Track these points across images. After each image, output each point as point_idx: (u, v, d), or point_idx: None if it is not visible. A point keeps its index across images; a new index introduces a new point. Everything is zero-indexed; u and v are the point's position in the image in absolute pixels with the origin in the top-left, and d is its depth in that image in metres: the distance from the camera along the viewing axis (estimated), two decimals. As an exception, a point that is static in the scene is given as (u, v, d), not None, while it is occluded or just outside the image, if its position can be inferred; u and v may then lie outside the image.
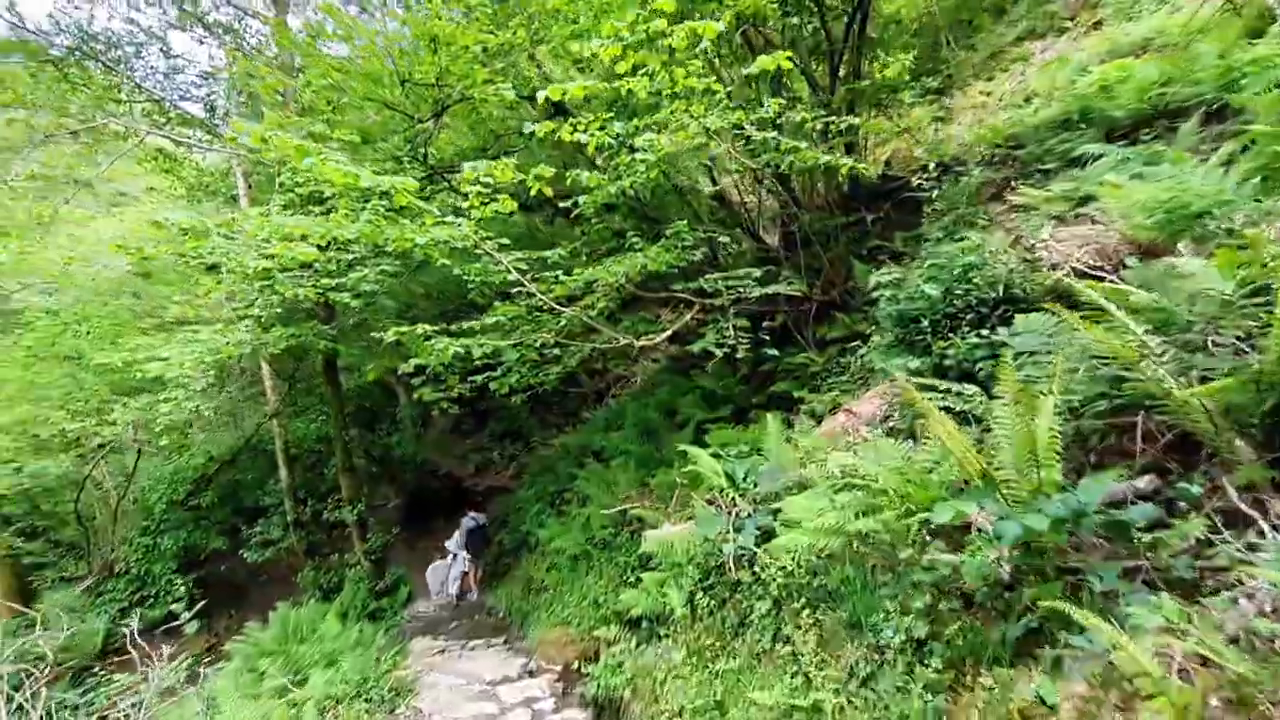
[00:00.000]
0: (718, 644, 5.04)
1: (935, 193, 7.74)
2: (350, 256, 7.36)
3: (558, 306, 6.79)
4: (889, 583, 3.78)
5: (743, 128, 6.75)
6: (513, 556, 13.45)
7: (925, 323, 5.43)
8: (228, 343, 8.05)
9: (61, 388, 12.28)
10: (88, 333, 12.35)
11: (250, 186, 13.16)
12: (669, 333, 7.30)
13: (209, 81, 13.50)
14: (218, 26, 13.40)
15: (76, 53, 12.34)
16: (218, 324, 7.53)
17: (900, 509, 3.85)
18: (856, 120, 7.47)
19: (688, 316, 7.54)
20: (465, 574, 12.09)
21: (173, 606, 12.79)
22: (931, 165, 8.22)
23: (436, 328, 6.20)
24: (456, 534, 12.40)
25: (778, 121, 7.27)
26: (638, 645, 6.31)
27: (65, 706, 9.72)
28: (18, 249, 11.70)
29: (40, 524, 14.46)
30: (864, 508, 4.34)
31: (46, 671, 12.67)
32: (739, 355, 7.17)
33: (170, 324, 12.17)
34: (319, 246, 7.49)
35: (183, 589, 13.42)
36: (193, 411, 11.36)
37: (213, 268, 7.52)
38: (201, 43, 15.07)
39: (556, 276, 6.69)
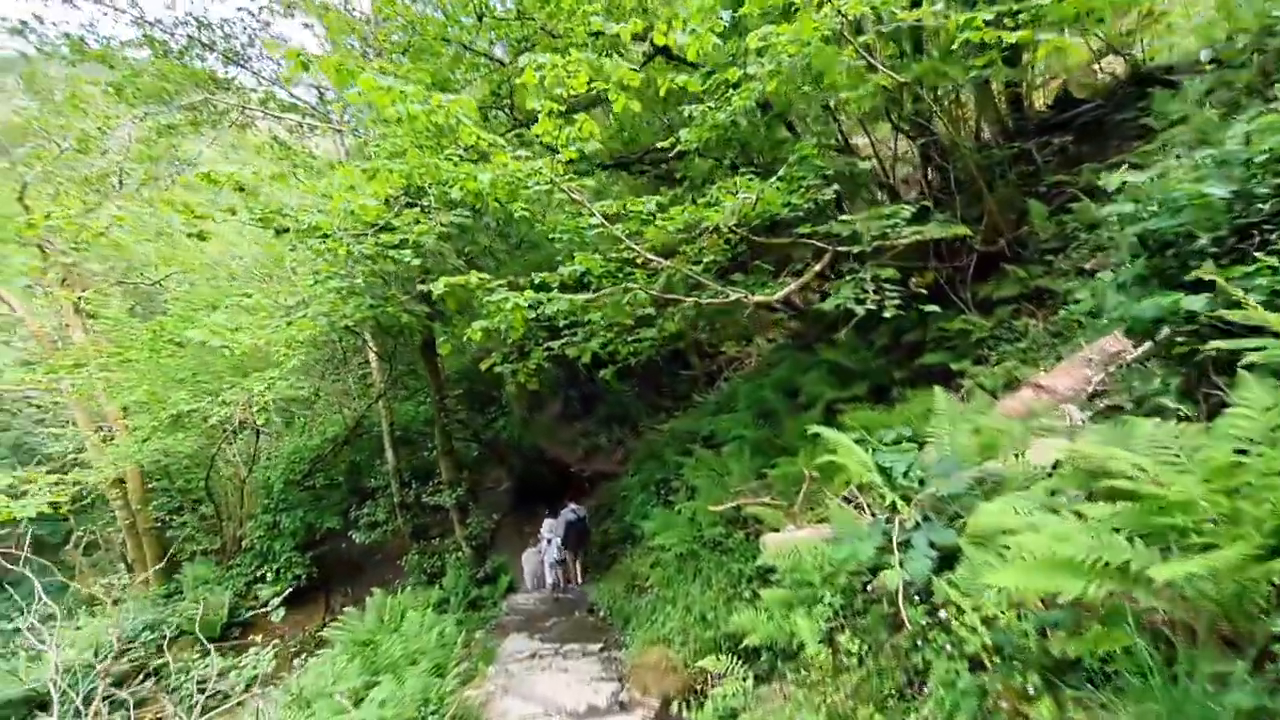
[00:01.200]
0: (876, 716, 3.35)
1: (1199, 78, 5.48)
2: (418, 211, 6.22)
3: (652, 258, 5.28)
4: (1239, 680, 1.97)
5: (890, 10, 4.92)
6: (618, 548, 12.18)
7: (1203, 241, 3.41)
8: (303, 315, 7.17)
9: (190, 369, 12.27)
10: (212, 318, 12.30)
11: (355, 167, 12.62)
12: (794, 286, 5.60)
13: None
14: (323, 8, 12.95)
15: (196, 44, 12.27)
16: (286, 291, 6.60)
17: (1254, 543, 2.02)
18: None
19: (816, 268, 5.80)
20: (561, 563, 10.97)
21: (272, 587, 12.62)
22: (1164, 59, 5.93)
23: (502, 281, 4.86)
24: (548, 521, 11.31)
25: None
26: (756, 685, 4.72)
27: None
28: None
29: (180, 500, 14.85)
30: (1141, 529, 2.51)
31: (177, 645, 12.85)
32: (886, 314, 5.34)
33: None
34: (385, 201, 6.43)
35: (299, 568, 13.24)
36: (290, 388, 10.94)
37: (281, 232, 6.61)
38: (307, 27, 14.70)
39: (650, 217, 5.17)
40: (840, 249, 5.91)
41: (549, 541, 10.95)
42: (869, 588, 4.07)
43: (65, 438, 14.08)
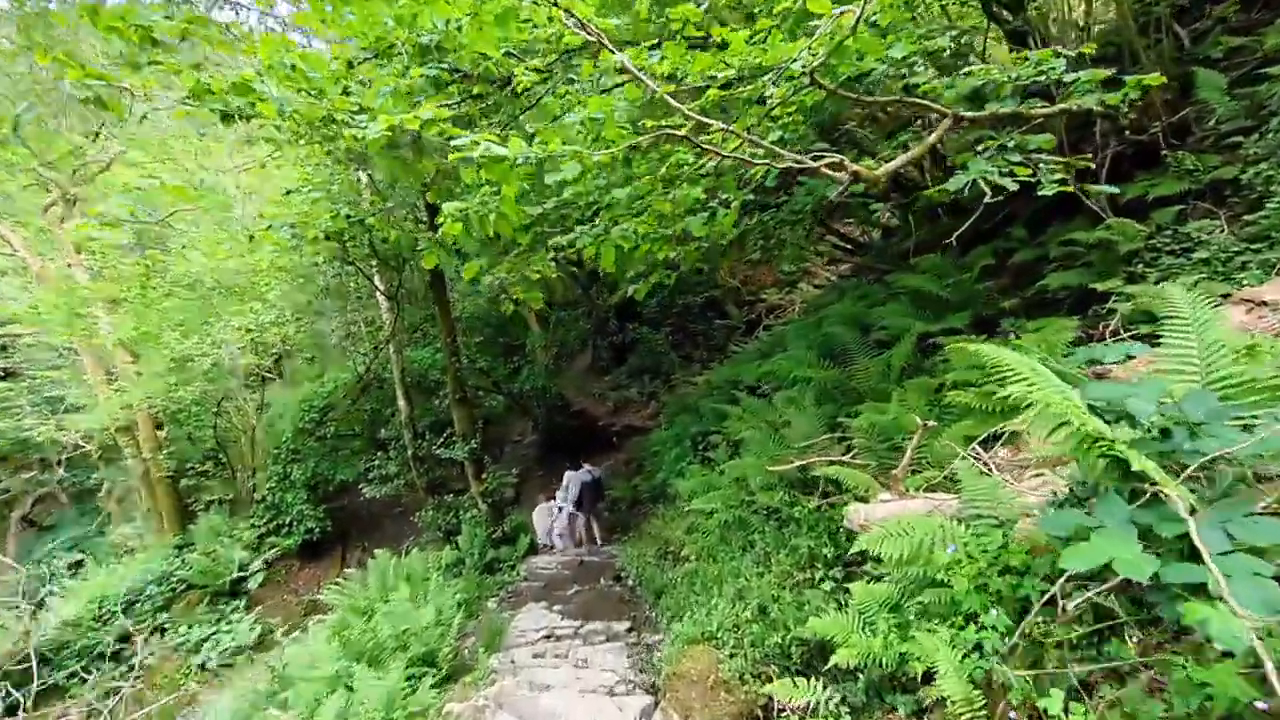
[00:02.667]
0: None
1: None
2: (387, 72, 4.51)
3: (704, 120, 3.51)
4: None
5: None
6: (647, 506, 10.70)
7: None
8: (267, 227, 5.63)
9: (195, 310, 10.93)
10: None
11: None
12: (903, 159, 3.79)
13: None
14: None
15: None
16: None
17: None
18: None
19: (931, 140, 3.96)
20: (571, 524, 9.76)
21: (283, 540, 11.45)
22: None
23: (490, 132, 3.15)
24: (570, 474, 10.03)
25: None
26: (853, 726, 3.11)
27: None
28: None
29: (192, 449, 13.74)
30: None
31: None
32: (1045, 191, 3.53)
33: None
34: (349, 65, 4.75)
35: (312, 520, 12.04)
36: (276, 325, 9.54)
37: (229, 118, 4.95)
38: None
39: (698, 46, 3.39)
40: (965, 116, 4.05)
41: (559, 508, 9.67)
42: (1070, 607, 2.36)
43: (64, 383, 12.96)
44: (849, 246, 9.89)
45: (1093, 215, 5.55)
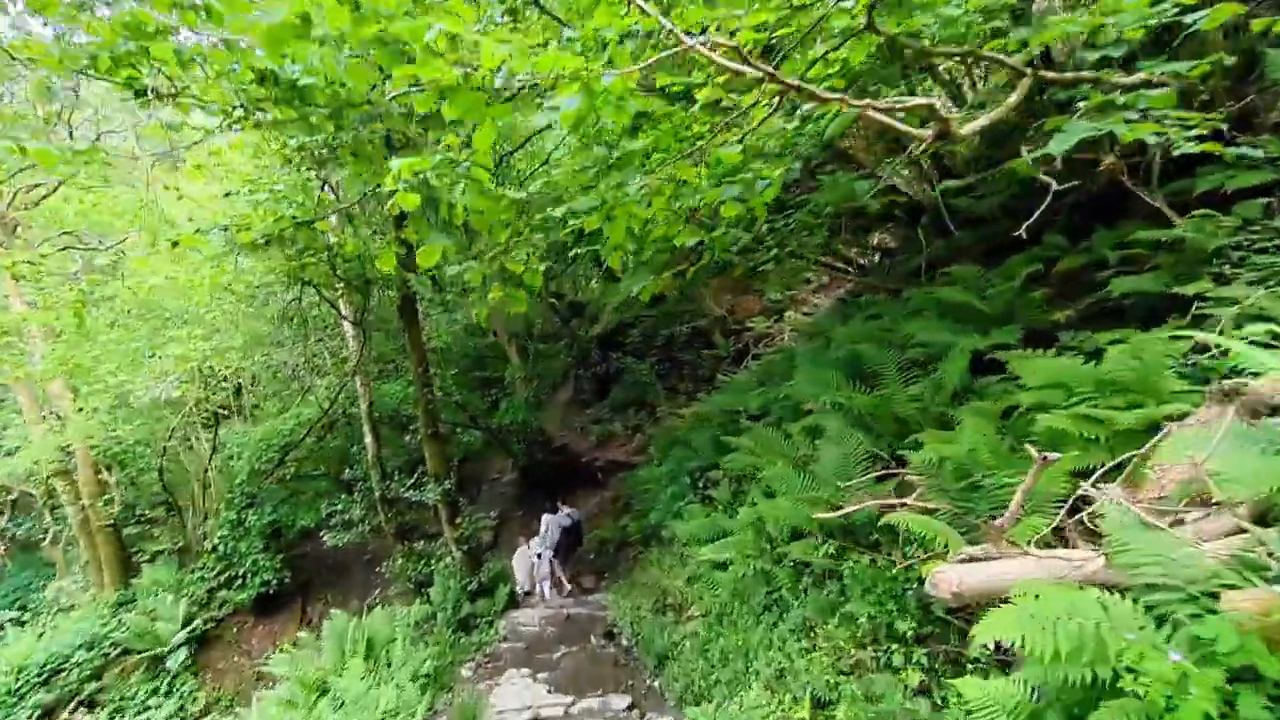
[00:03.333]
0: None
1: None
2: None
3: (735, 66, 2.58)
4: None
5: None
6: (638, 550, 9.52)
7: None
8: (197, 230, 4.57)
9: (144, 342, 9.61)
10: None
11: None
12: (988, 118, 2.90)
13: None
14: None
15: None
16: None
17: None
18: None
19: (1011, 101, 3.08)
20: (553, 565, 8.72)
21: (235, 595, 9.97)
22: None
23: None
24: (547, 518, 8.99)
25: None
26: None
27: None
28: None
29: (135, 494, 12.19)
30: None
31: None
32: (1186, 149, 2.65)
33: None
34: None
35: (270, 571, 10.56)
36: (214, 354, 8.32)
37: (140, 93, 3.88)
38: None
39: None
40: (1047, 75, 3.19)
41: (539, 555, 8.55)
42: None
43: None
44: (847, 267, 9.07)
45: (1145, 214, 4.80)
